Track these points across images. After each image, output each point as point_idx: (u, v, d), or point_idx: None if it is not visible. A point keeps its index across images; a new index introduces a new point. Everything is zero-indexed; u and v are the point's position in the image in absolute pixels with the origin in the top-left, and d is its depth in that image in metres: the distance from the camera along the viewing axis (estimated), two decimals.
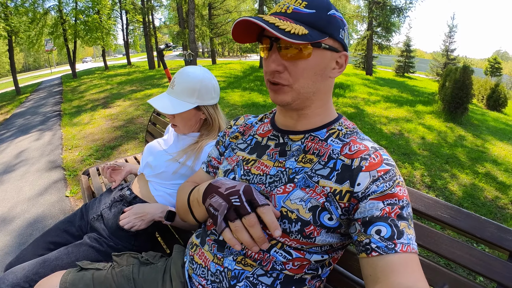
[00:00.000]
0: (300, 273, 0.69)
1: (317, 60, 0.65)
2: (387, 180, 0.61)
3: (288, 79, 0.66)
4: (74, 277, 0.87)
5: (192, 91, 1.19)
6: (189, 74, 1.21)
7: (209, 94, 1.23)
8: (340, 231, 0.66)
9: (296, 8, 0.64)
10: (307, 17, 0.63)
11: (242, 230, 0.60)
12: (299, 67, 0.65)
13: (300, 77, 0.66)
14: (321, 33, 0.63)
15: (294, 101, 0.69)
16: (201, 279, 0.74)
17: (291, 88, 0.67)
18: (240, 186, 0.64)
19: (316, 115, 0.74)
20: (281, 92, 0.68)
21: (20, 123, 7.25)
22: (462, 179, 3.79)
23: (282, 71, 0.66)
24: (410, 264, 0.54)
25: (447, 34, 19.81)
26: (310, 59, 0.65)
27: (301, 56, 0.64)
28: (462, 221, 0.80)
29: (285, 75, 0.66)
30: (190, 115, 1.24)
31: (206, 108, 1.25)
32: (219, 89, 1.29)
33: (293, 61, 0.65)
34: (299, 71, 0.65)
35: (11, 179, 3.74)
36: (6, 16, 12.09)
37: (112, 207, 1.27)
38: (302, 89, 0.67)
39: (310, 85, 0.67)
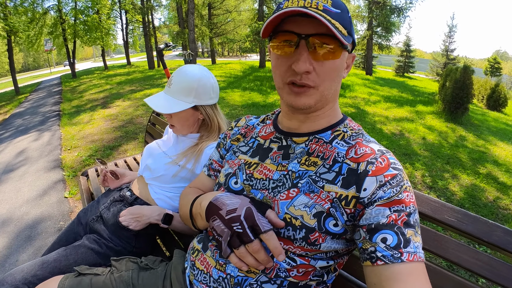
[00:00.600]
0: (305, 280, 0.67)
1: (341, 61, 0.64)
2: (394, 185, 0.59)
3: (315, 81, 0.62)
4: (71, 283, 0.85)
5: (189, 90, 1.16)
6: (186, 73, 1.18)
7: (207, 94, 1.20)
8: (346, 237, 0.64)
9: (325, 6, 0.59)
10: (336, 16, 0.59)
11: (247, 256, 0.60)
12: (326, 67, 0.62)
13: (327, 78, 0.63)
14: (347, 34, 0.61)
15: (316, 103, 0.66)
16: (203, 285, 0.71)
17: (317, 90, 0.64)
18: (241, 209, 0.62)
19: (324, 117, 0.72)
20: (305, 95, 0.64)
21: (19, 123, 7.22)
22: (463, 180, 3.78)
23: (311, 72, 0.62)
24: (417, 273, 0.52)
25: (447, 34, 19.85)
26: (337, 60, 0.62)
27: (332, 56, 0.61)
28: (469, 224, 0.78)
29: (313, 76, 0.62)
30: (187, 115, 1.20)
31: (204, 108, 1.21)
32: (218, 89, 1.26)
33: (321, 61, 0.61)
34: (326, 72, 0.62)
35: (10, 180, 3.71)
36: (5, 15, 12.07)
37: (111, 207, 1.25)
38: (325, 91, 0.65)
39: (332, 86, 0.65)
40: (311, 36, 0.59)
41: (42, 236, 2.47)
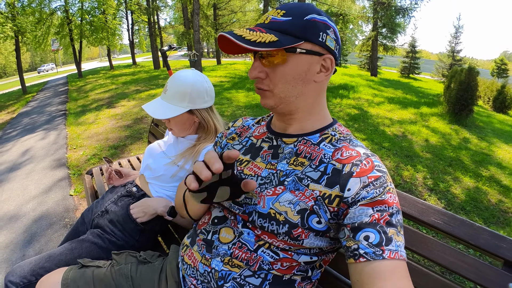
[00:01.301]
0: (289, 274, 0.70)
1: (294, 65, 0.68)
2: (377, 186, 0.62)
3: (268, 85, 0.71)
4: (75, 274, 0.90)
5: (183, 95, 1.20)
6: (180, 78, 1.22)
7: (201, 98, 1.24)
8: (329, 235, 0.67)
9: (273, 18, 0.68)
10: (282, 24, 0.66)
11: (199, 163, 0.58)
12: (277, 72, 0.69)
13: (279, 82, 0.69)
14: (296, 38, 0.65)
15: (278, 105, 0.72)
16: (192, 279, 0.75)
17: (272, 93, 0.71)
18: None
19: (306, 119, 0.75)
20: (264, 97, 0.73)
21: (26, 122, 7.34)
22: (465, 182, 3.77)
23: (264, 77, 0.71)
24: (398, 270, 0.54)
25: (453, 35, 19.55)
26: (286, 65, 0.68)
27: (277, 62, 0.67)
28: (455, 227, 0.79)
29: (267, 81, 0.71)
30: (183, 119, 1.25)
31: (199, 111, 1.26)
32: (213, 92, 1.30)
33: (272, 68, 0.69)
34: (277, 77, 0.69)
35: (17, 178, 3.80)
36: (13, 16, 12.22)
37: (119, 201, 1.30)
38: (282, 94, 0.70)
39: (290, 89, 0.70)
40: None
41: (48, 232, 2.54)
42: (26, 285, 0.99)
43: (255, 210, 0.69)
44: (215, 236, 0.74)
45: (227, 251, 0.71)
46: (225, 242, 0.72)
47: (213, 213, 0.79)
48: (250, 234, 0.70)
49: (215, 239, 0.74)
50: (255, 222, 0.69)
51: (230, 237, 0.72)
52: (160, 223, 1.26)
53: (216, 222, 0.76)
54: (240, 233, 0.71)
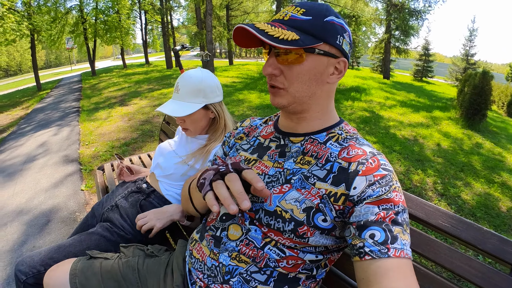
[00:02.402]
0: (294, 272, 0.70)
1: (311, 65, 0.68)
2: (383, 184, 0.62)
3: (283, 83, 0.70)
4: (83, 265, 0.93)
5: (197, 91, 1.23)
6: (191, 76, 1.24)
7: (213, 92, 1.26)
8: (335, 234, 0.67)
9: (293, 15, 0.67)
10: (302, 23, 0.66)
11: (222, 186, 0.63)
12: (293, 71, 0.68)
13: (295, 81, 0.69)
14: (315, 39, 0.65)
15: (290, 104, 0.72)
16: (199, 272, 0.76)
17: (287, 92, 0.71)
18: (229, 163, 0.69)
19: (315, 119, 0.76)
20: (277, 95, 0.72)
21: (40, 118, 7.49)
22: (477, 188, 3.70)
23: (278, 75, 0.70)
24: (403, 269, 0.54)
25: (467, 38, 19.17)
26: (304, 64, 0.67)
27: (295, 61, 0.67)
28: (463, 231, 0.78)
29: (281, 79, 0.70)
30: (199, 116, 1.27)
31: (214, 105, 1.28)
32: (221, 87, 1.32)
33: (288, 66, 0.68)
34: (294, 75, 0.69)
35: (30, 171, 3.89)
36: (29, 15, 12.48)
37: (129, 197, 1.32)
38: (297, 93, 0.70)
39: (305, 89, 0.70)
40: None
41: (58, 225, 2.60)
42: (35, 274, 1.01)
43: (262, 208, 0.70)
44: (224, 233, 0.75)
45: (234, 248, 0.72)
46: (233, 239, 0.73)
47: (221, 210, 0.80)
48: (257, 231, 0.71)
49: (224, 235, 0.75)
50: (262, 220, 0.69)
51: (238, 234, 0.73)
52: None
53: (224, 219, 0.77)
54: (247, 230, 0.72)
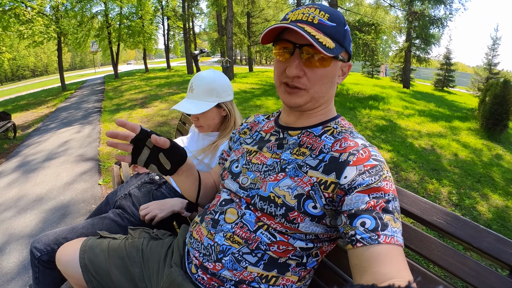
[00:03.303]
0: (284, 257, 0.73)
1: (332, 69, 0.73)
2: (373, 174, 0.64)
3: (305, 84, 0.72)
4: (93, 243, 1.00)
5: (211, 90, 1.31)
6: (204, 76, 1.33)
7: (225, 91, 1.34)
8: (326, 222, 0.70)
9: (321, 20, 0.69)
10: (330, 29, 0.69)
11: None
12: (317, 74, 0.71)
13: (317, 83, 0.72)
14: (340, 46, 0.70)
15: (306, 103, 0.75)
16: (195, 251, 0.81)
17: (307, 92, 0.74)
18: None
19: (318, 115, 0.81)
20: (296, 95, 0.74)
21: (64, 116, 7.82)
22: (494, 200, 3.59)
23: (302, 76, 0.72)
24: (395, 255, 0.56)
25: (490, 47, 18.40)
26: (328, 68, 0.72)
27: (321, 65, 0.70)
28: (458, 228, 0.76)
29: (304, 80, 0.72)
30: (213, 114, 1.34)
31: (225, 104, 1.36)
32: (232, 86, 1.40)
33: (312, 68, 0.71)
34: (317, 78, 0.72)
35: (51, 165, 4.09)
36: (57, 18, 13.03)
37: (142, 187, 1.40)
38: (316, 94, 0.74)
39: (323, 90, 0.75)
40: (304, 46, 0.69)
41: (75, 215, 2.73)
42: (49, 252, 1.10)
43: (257, 194, 0.75)
44: (222, 216, 0.80)
45: (230, 229, 0.76)
46: (229, 222, 0.78)
47: (222, 196, 0.86)
48: (251, 215, 0.75)
49: (221, 218, 0.80)
50: (256, 205, 0.74)
51: (234, 218, 0.78)
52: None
53: (224, 204, 0.83)
54: (243, 214, 0.77)
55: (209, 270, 0.76)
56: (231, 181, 0.84)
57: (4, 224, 2.63)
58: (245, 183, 0.80)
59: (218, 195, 0.89)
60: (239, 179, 0.82)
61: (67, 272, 0.98)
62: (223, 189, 0.88)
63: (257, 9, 21.81)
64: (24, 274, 1.99)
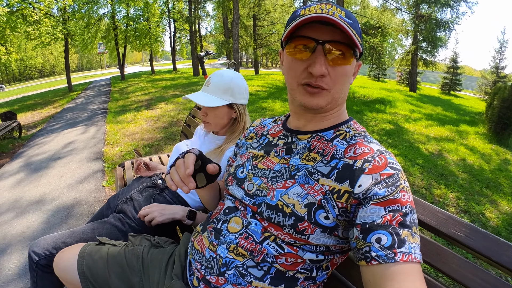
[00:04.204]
0: (293, 271, 0.69)
1: (351, 67, 0.69)
2: (390, 184, 0.60)
3: (328, 83, 0.67)
4: (92, 249, 0.97)
5: (226, 88, 1.28)
6: (223, 74, 1.30)
7: (241, 94, 1.31)
8: (338, 234, 0.66)
9: (340, 16, 0.63)
10: (351, 25, 0.64)
11: (173, 171, 0.73)
12: (339, 72, 0.67)
13: (338, 82, 0.68)
14: (359, 43, 0.66)
15: (327, 105, 0.70)
16: (197, 263, 0.77)
17: (329, 93, 0.69)
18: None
19: (330, 118, 0.76)
20: (318, 96, 0.68)
21: (69, 117, 7.85)
22: (503, 206, 3.51)
23: (327, 75, 0.66)
24: (411, 273, 0.53)
25: (497, 50, 18.17)
26: (348, 66, 0.67)
27: (344, 62, 0.66)
28: (477, 241, 0.73)
29: (327, 79, 0.67)
30: (223, 112, 1.31)
31: (238, 106, 1.32)
32: (248, 91, 1.36)
33: (334, 67, 0.66)
34: (338, 76, 0.67)
35: (56, 166, 4.09)
36: (64, 20, 13.14)
37: (144, 191, 1.37)
38: (336, 94, 0.70)
39: (342, 89, 0.71)
40: (327, 42, 0.64)
41: (77, 217, 2.71)
42: (48, 256, 1.06)
43: (264, 202, 0.70)
44: (224, 225, 0.76)
45: (233, 240, 0.72)
46: (233, 232, 0.73)
47: (225, 203, 0.82)
48: (257, 225, 0.71)
49: (224, 228, 0.75)
50: (263, 214, 0.70)
51: (238, 227, 0.73)
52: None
53: (227, 212, 0.78)
54: (248, 224, 0.72)
55: (211, 284, 0.72)
56: (236, 187, 0.80)
57: (6, 225, 2.61)
58: (251, 189, 0.75)
59: (222, 202, 0.85)
60: (245, 185, 0.78)
61: (65, 278, 0.95)
62: (227, 195, 0.84)
63: (263, 11, 21.81)
64: (25, 276, 1.97)
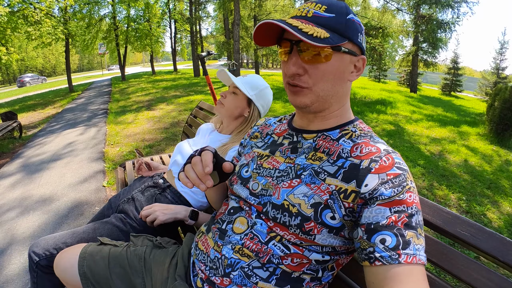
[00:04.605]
0: (299, 272, 0.68)
1: (336, 64, 0.67)
2: (396, 184, 0.59)
3: (307, 82, 0.68)
4: (93, 250, 0.96)
5: (256, 87, 1.37)
6: (259, 78, 1.41)
7: (263, 101, 1.39)
8: (344, 234, 0.65)
9: (316, 12, 0.65)
10: (327, 20, 0.65)
11: (189, 169, 0.69)
12: (319, 70, 0.66)
13: (320, 80, 0.67)
14: (341, 37, 0.65)
15: (313, 103, 0.70)
16: (201, 264, 0.76)
17: (311, 91, 0.69)
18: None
19: (332, 117, 0.75)
20: (300, 94, 0.70)
21: (70, 118, 7.85)
22: (504, 207, 3.50)
23: (303, 74, 0.68)
24: (415, 275, 0.53)
25: (498, 51, 18.11)
26: (330, 62, 0.66)
27: (320, 59, 0.65)
28: (483, 240, 0.73)
29: (305, 78, 0.68)
30: (240, 103, 1.37)
31: (255, 109, 1.37)
32: (269, 108, 1.44)
33: (313, 64, 0.66)
34: (319, 74, 0.67)
35: (56, 166, 4.07)
36: (65, 20, 13.14)
37: (145, 191, 1.35)
38: (321, 92, 0.69)
39: (329, 88, 0.69)
40: (300, 42, 0.65)
41: (78, 217, 2.70)
42: (48, 257, 1.05)
43: (269, 201, 0.70)
44: (229, 226, 0.75)
45: (238, 241, 0.71)
46: (238, 232, 0.72)
47: (230, 204, 0.81)
48: (263, 225, 0.70)
49: (229, 228, 0.75)
50: (269, 213, 0.69)
51: (243, 228, 0.72)
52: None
53: (232, 212, 0.78)
54: (253, 224, 0.71)
55: (216, 285, 0.71)
56: (240, 186, 0.79)
57: (7, 225, 2.61)
58: (256, 189, 0.75)
59: (226, 202, 0.84)
60: (249, 185, 0.77)
61: (65, 279, 0.94)
62: (231, 195, 0.83)
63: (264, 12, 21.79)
64: (25, 276, 1.96)
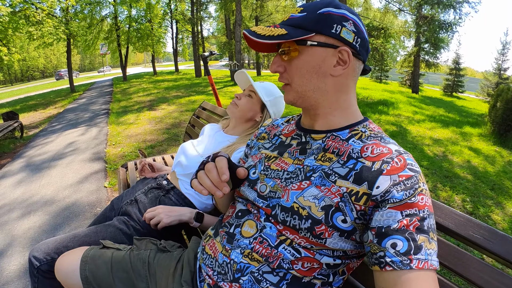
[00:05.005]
0: (309, 277, 0.66)
1: (306, 58, 0.68)
2: (408, 187, 0.58)
3: (287, 78, 0.73)
4: (95, 253, 0.93)
5: (271, 94, 1.39)
6: (275, 86, 1.44)
7: (276, 108, 1.40)
8: (355, 238, 0.63)
9: (292, 15, 0.71)
10: (296, 20, 0.69)
11: (203, 176, 0.70)
12: (292, 65, 0.71)
13: (295, 75, 0.71)
14: (306, 31, 0.66)
15: (296, 100, 0.73)
16: (209, 269, 0.74)
17: (291, 87, 0.73)
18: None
19: (330, 115, 0.73)
20: (286, 91, 0.75)
21: (71, 118, 7.85)
22: (508, 209, 3.48)
23: (283, 71, 0.73)
24: (426, 281, 0.52)
25: (500, 52, 17.99)
26: (301, 57, 0.69)
27: (291, 55, 0.69)
28: (496, 243, 0.71)
29: (285, 75, 0.73)
30: (254, 106, 1.39)
31: (267, 115, 1.38)
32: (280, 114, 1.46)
33: (289, 61, 0.71)
34: (293, 69, 0.71)
35: (57, 166, 4.07)
36: (67, 20, 13.17)
37: (149, 193, 1.33)
38: (299, 87, 0.71)
39: (305, 83, 0.70)
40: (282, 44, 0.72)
41: (79, 218, 2.68)
42: (49, 261, 1.01)
43: (278, 204, 0.68)
44: (238, 229, 0.73)
45: (248, 245, 0.69)
46: (247, 236, 0.71)
47: (237, 206, 0.79)
48: (272, 229, 0.68)
49: (237, 232, 0.73)
50: (278, 216, 0.67)
51: (252, 231, 0.71)
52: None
53: (240, 215, 0.76)
54: (262, 227, 0.70)
55: None
56: (248, 188, 0.77)
57: (8, 225, 2.59)
58: (264, 191, 0.73)
59: (233, 205, 0.82)
60: (257, 187, 0.75)
61: (67, 284, 0.91)
62: (238, 198, 0.81)
63: (265, 13, 21.81)
64: (25, 277, 1.94)
